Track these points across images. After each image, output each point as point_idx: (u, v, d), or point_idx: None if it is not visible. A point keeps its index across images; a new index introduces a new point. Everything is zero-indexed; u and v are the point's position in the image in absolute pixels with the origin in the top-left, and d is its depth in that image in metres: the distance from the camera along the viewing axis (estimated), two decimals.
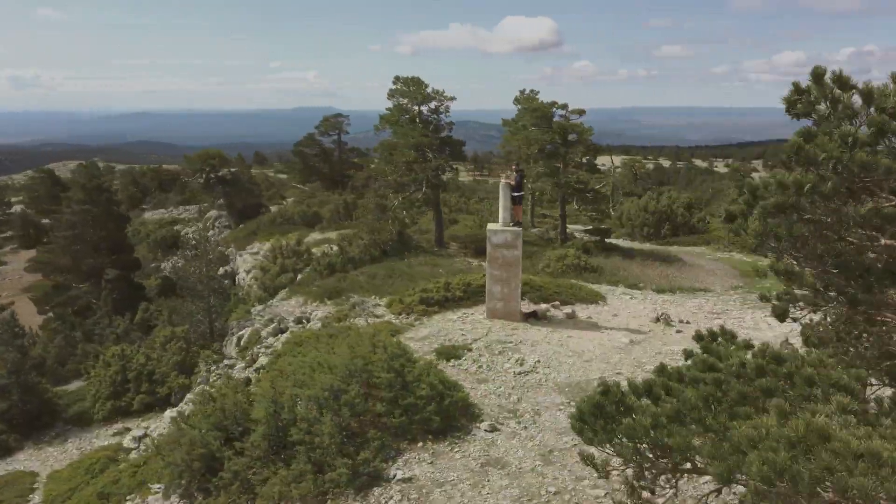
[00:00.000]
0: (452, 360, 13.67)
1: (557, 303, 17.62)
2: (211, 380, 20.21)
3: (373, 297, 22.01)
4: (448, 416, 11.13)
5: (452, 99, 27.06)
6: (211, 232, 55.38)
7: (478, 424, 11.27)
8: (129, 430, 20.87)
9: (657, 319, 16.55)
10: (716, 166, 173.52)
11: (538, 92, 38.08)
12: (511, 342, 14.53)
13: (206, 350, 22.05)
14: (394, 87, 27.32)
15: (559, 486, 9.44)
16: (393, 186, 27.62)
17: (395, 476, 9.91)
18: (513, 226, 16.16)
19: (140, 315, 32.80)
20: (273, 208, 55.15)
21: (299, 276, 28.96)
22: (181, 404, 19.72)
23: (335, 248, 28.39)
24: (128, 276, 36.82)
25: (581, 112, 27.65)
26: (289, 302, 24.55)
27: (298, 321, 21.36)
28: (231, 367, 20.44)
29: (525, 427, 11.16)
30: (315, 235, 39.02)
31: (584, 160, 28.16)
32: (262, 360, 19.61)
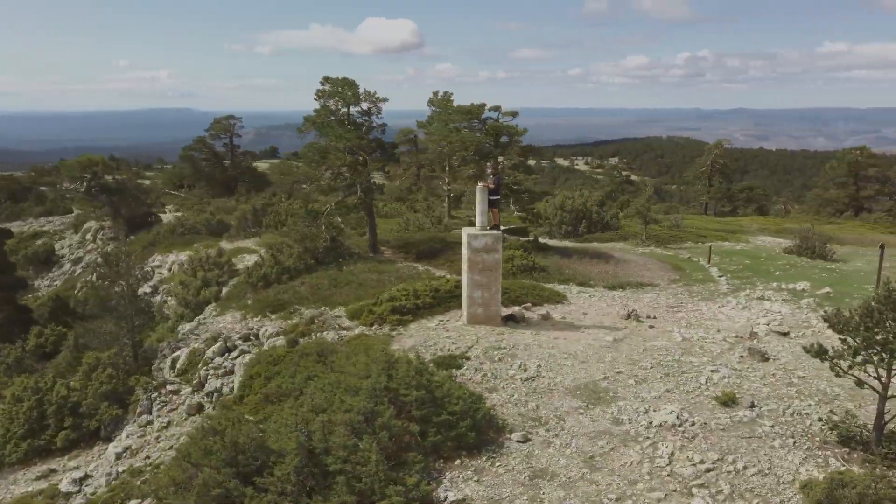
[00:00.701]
0: (453, 370, 13.26)
1: (529, 304, 17.64)
2: (155, 409, 18.46)
3: (322, 308, 21.01)
4: (479, 430, 10.77)
5: (385, 100, 26.40)
6: (92, 245, 50.96)
7: (507, 436, 10.99)
8: (54, 471, 18.55)
9: (628, 316, 16.97)
10: (576, 164, 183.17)
11: (452, 94, 38.23)
12: (505, 348, 14.33)
13: (141, 376, 20.06)
14: (322, 87, 26.21)
15: (618, 493, 9.37)
16: (325, 191, 26.56)
17: (446, 498, 9.44)
18: (490, 229, 15.98)
19: (34, 341, 29.34)
20: (163, 217, 51.50)
21: (224, 290, 27.16)
22: (122, 437, 17.86)
23: (263, 256, 26.83)
24: (12, 298, 32.87)
25: (514, 114, 27.96)
26: (224, 318, 22.91)
27: (246, 338, 19.98)
28: (175, 392, 18.77)
29: (556, 434, 11.01)
30: (225, 245, 36.75)
31: (518, 161, 28.48)
32: (214, 384, 18.18)
